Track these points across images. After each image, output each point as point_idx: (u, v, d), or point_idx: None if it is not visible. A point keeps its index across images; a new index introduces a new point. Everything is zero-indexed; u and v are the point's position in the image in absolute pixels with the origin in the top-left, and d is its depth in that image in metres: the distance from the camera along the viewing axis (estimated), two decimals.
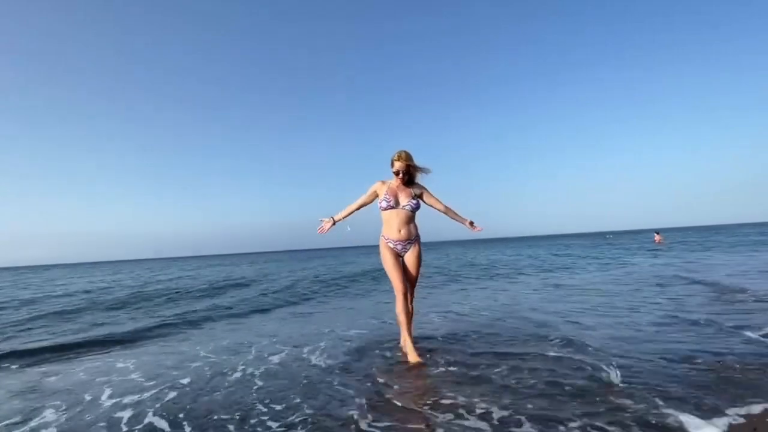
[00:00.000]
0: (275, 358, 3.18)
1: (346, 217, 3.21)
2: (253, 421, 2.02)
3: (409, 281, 3.11)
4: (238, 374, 2.83)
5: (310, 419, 2.00)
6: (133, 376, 2.99)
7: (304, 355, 3.21)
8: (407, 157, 3.05)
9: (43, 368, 3.44)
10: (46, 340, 4.67)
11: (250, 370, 2.90)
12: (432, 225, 3.39)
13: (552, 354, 2.86)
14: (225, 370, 2.93)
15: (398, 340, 3.33)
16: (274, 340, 3.89)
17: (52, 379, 3.07)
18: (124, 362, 3.42)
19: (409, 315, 3.05)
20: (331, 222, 3.19)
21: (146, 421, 2.12)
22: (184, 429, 1.99)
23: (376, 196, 3.13)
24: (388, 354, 3.14)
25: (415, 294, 3.23)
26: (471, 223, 3.22)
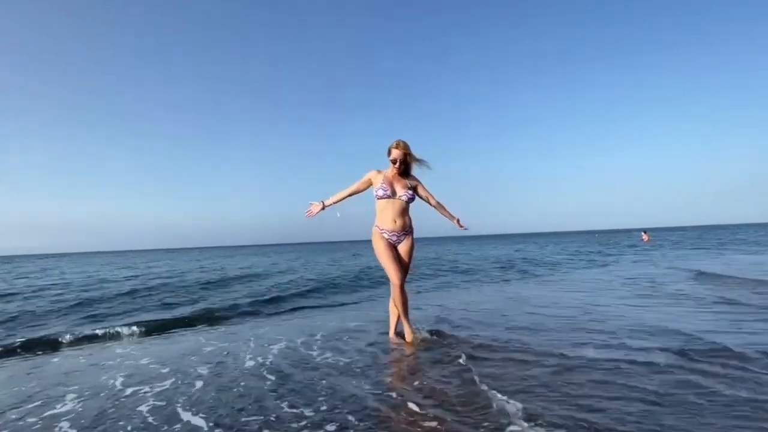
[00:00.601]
0: (279, 352, 3.14)
1: (336, 202, 3.15)
2: (271, 418, 1.97)
3: (402, 268, 3.07)
4: (250, 365, 2.82)
5: (320, 421, 1.89)
6: (143, 361, 3.06)
7: (308, 351, 3.15)
8: (405, 146, 3.02)
9: (54, 356, 3.54)
10: (56, 328, 4.75)
11: (260, 359, 2.91)
12: (428, 220, 3.49)
13: (592, 352, 2.61)
14: (234, 367, 2.83)
15: (398, 332, 3.35)
16: (279, 335, 3.89)
17: (66, 368, 3.12)
18: (135, 351, 3.48)
19: (406, 304, 3.07)
20: (321, 206, 3.14)
21: (165, 414, 2.07)
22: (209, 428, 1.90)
23: (370, 184, 3.09)
24: (393, 347, 3.15)
25: (406, 282, 3.21)
26: (458, 221, 3.24)
